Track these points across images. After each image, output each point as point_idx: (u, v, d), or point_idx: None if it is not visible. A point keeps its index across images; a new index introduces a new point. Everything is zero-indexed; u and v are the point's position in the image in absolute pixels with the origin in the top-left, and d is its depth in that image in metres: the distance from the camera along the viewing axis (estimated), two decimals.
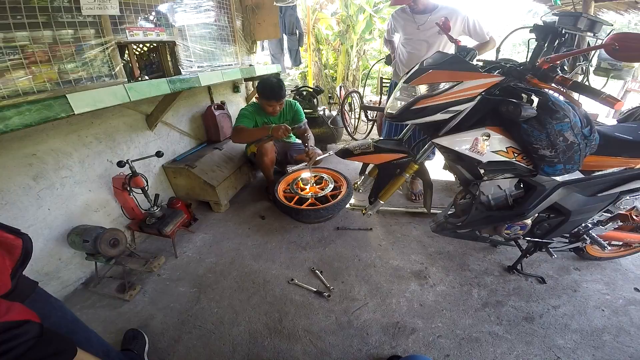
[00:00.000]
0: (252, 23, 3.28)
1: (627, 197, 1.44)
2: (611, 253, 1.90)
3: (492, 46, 2.33)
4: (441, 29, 1.73)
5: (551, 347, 1.47)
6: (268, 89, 2.53)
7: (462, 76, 1.20)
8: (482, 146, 1.24)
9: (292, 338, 1.56)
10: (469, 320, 1.61)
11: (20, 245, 0.76)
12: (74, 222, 1.88)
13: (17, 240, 0.77)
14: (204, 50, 2.56)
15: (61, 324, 0.94)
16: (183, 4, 2.32)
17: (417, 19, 2.35)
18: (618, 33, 1.06)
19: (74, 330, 0.97)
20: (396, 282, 1.87)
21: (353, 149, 1.49)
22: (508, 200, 1.46)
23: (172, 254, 2.16)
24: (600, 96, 0.99)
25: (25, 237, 0.81)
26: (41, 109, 1.31)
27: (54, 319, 0.92)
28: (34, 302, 0.84)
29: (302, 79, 7.74)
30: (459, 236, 1.67)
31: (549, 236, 1.57)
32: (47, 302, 0.94)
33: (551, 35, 1.21)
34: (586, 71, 2.80)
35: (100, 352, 1.05)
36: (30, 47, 1.44)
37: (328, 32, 7.20)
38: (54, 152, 1.78)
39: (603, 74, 3.13)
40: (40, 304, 0.88)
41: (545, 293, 1.75)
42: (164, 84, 1.93)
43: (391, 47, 2.85)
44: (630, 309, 1.65)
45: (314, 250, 2.17)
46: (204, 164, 2.62)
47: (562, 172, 1.23)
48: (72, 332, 0.96)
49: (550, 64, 1.16)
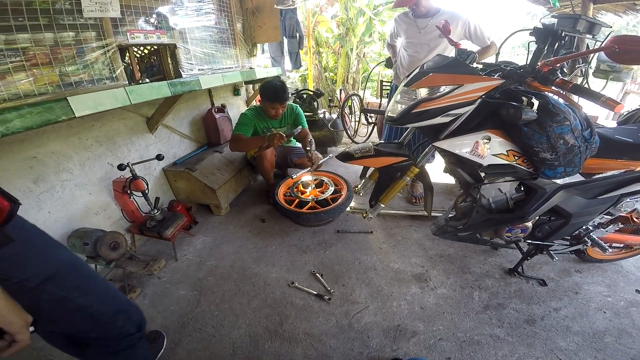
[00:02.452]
0: (252, 26, 3.29)
1: (627, 200, 1.44)
2: (612, 255, 1.90)
3: (493, 51, 2.33)
4: (441, 32, 1.73)
5: (553, 349, 1.46)
6: (272, 92, 2.54)
7: (463, 79, 1.20)
8: (483, 149, 1.24)
9: (293, 341, 1.55)
10: (470, 323, 1.60)
11: (6, 210, 0.73)
12: (74, 225, 1.87)
13: (5, 203, 0.73)
14: (205, 53, 2.56)
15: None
16: (184, 6, 2.33)
17: (418, 23, 2.36)
18: (617, 35, 1.06)
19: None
20: (397, 285, 1.86)
21: (354, 153, 1.49)
22: (509, 203, 1.46)
23: (172, 257, 2.16)
24: (601, 99, 0.99)
25: (14, 204, 0.76)
26: (42, 111, 1.31)
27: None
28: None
29: (302, 82, 7.75)
30: (459, 239, 1.67)
31: (550, 239, 1.57)
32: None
33: (551, 38, 1.21)
34: (585, 73, 2.81)
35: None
36: (32, 49, 1.44)
37: (328, 35, 7.21)
38: (55, 155, 1.78)
39: (602, 75, 3.13)
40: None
41: (547, 295, 1.74)
42: (165, 87, 1.94)
43: (393, 51, 2.85)
44: (632, 311, 1.64)
45: (314, 254, 2.16)
46: (205, 167, 2.62)
47: (563, 175, 1.23)
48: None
49: (550, 67, 1.16)
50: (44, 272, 0.84)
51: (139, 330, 1.07)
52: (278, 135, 2.39)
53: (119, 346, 1.04)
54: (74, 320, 0.94)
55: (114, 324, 0.99)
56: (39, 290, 0.82)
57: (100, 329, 0.98)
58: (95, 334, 0.99)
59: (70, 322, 0.94)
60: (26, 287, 0.80)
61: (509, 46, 9.31)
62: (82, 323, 0.95)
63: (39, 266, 0.84)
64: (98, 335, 1.00)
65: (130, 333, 1.04)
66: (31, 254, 0.84)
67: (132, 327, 1.04)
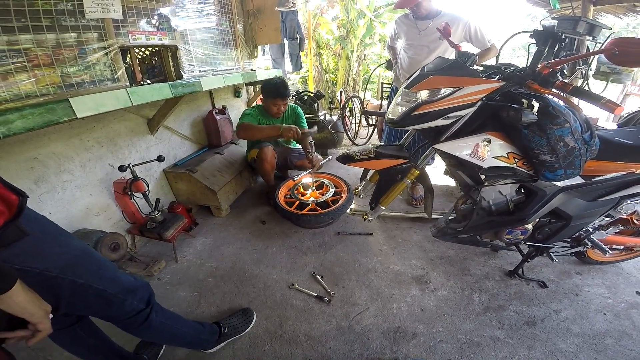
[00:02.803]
0: (253, 28, 3.30)
1: (628, 202, 1.44)
2: (612, 257, 1.90)
3: (493, 53, 2.34)
4: (442, 34, 1.74)
5: (553, 351, 1.46)
6: (273, 88, 2.56)
7: (463, 82, 1.20)
8: (483, 152, 1.24)
9: (293, 343, 1.55)
10: (470, 325, 1.60)
11: (15, 203, 0.76)
12: (74, 226, 1.87)
13: (13, 196, 0.75)
14: (206, 54, 2.57)
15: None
16: (185, 8, 2.34)
17: (419, 25, 2.37)
18: (618, 38, 1.06)
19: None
20: (397, 287, 1.86)
21: (354, 155, 1.50)
22: (509, 206, 1.46)
23: (172, 258, 2.16)
24: (601, 101, 1.00)
25: (22, 197, 0.78)
26: (44, 112, 1.32)
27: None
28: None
29: (302, 84, 7.75)
30: (460, 241, 1.67)
31: (550, 241, 1.57)
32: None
33: (551, 40, 1.22)
34: (586, 75, 2.81)
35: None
36: (34, 50, 1.45)
37: (329, 37, 7.22)
38: (56, 156, 1.79)
39: (602, 77, 3.14)
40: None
41: (547, 297, 1.74)
42: (166, 89, 1.94)
43: (393, 53, 2.85)
44: (632, 313, 1.64)
45: (314, 255, 2.16)
46: (205, 169, 2.63)
47: (563, 177, 1.23)
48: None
49: (550, 69, 1.17)
50: (62, 260, 0.88)
51: (148, 305, 1.12)
52: (295, 128, 2.39)
53: (133, 323, 1.10)
54: (91, 304, 0.99)
55: (124, 303, 1.04)
56: (59, 279, 0.86)
57: (114, 309, 1.03)
58: (110, 313, 1.05)
59: (88, 306, 1.00)
60: (47, 277, 0.84)
61: (509, 48, 9.34)
62: (99, 306, 1.01)
63: (57, 255, 0.88)
64: (112, 315, 1.06)
65: (140, 309, 1.09)
66: (48, 244, 0.88)
67: (140, 304, 1.09)
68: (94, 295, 0.96)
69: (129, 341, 1.46)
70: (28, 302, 0.73)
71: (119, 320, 1.08)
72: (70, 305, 0.93)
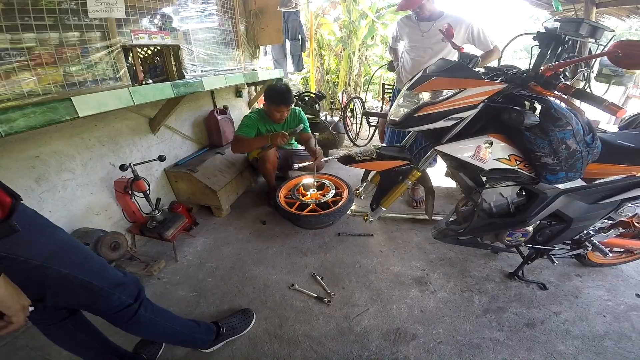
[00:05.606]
0: (255, 28, 3.30)
1: (628, 205, 1.44)
2: (613, 260, 1.90)
3: (496, 55, 2.33)
4: (444, 35, 1.74)
5: (552, 353, 1.46)
6: (277, 95, 2.55)
7: (465, 83, 1.20)
8: (485, 154, 1.24)
9: (292, 343, 1.55)
10: (470, 327, 1.60)
11: (9, 206, 0.79)
12: (75, 225, 1.88)
13: (7, 199, 0.80)
14: (208, 54, 2.57)
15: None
16: (188, 8, 2.34)
17: (422, 26, 2.36)
18: (621, 40, 1.06)
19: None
20: (397, 288, 1.86)
21: (355, 156, 1.50)
22: (510, 208, 1.46)
23: (172, 258, 2.16)
24: (603, 104, 1.00)
25: (15, 200, 0.83)
26: (46, 111, 1.32)
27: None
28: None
29: (304, 85, 7.76)
30: (460, 243, 1.67)
31: (551, 243, 1.57)
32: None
33: (554, 42, 1.22)
34: (588, 77, 2.81)
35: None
36: (37, 49, 1.45)
37: (330, 38, 7.23)
38: (57, 155, 1.79)
39: (604, 80, 3.13)
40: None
41: (547, 299, 1.74)
42: (168, 88, 1.95)
43: (395, 55, 2.85)
44: (631, 315, 1.64)
45: (314, 256, 2.16)
46: (206, 169, 2.63)
47: (564, 180, 1.23)
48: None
49: (553, 72, 1.16)
50: (47, 249, 0.90)
51: (136, 300, 1.13)
52: (281, 134, 2.40)
53: (121, 318, 1.11)
54: (77, 295, 1.00)
55: (111, 297, 1.05)
56: (43, 267, 0.88)
57: (101, 303, 1.05)
58: (97, 307, 1.06)
59: (74, 298, 1.01)
60: (32, 265, 0.86)
61: (512, 50, 9.34)
62: (85, 298, 1.02)
63: (42, 245, 0.90)
64: (99, 308, 1.07)
65: (128, 304, 1.10)
66: (34, 234, 0.90)
67: (128, 299, 1.10)
68: (79, 286, 0.97)
69: (129, 340, 1.47)
70: (7, 296, 0.77)
71: (107, 314, 1.09)
72: (55, 296, 0.95)
